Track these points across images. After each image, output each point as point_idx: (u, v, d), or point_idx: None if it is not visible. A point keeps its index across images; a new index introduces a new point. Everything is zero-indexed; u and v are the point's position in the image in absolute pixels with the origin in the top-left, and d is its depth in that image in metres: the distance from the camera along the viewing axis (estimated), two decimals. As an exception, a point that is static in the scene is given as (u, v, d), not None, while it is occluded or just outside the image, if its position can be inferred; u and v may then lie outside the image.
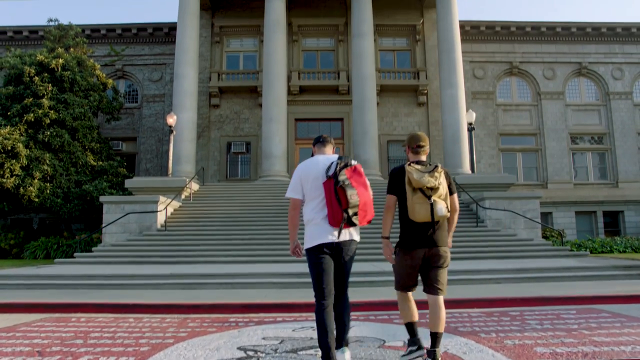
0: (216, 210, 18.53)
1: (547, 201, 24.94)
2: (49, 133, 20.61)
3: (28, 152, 19.79)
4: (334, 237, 4.07)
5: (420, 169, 4.21)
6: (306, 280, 9.09)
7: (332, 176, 4.05)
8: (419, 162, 4.31)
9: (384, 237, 4.36)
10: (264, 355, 4.85)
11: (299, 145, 25.98)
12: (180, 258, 13.99)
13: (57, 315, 7.61)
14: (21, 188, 19.24)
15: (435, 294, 4.19)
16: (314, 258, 4.12)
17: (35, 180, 19.54)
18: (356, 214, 4.04)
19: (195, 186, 20.83)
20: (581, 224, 26.00)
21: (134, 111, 27.77)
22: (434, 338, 4.13)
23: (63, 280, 10.68)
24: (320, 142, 4.53)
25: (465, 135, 22.43)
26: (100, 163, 22.17)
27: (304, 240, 4.24)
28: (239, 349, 5.16)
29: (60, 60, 21.92)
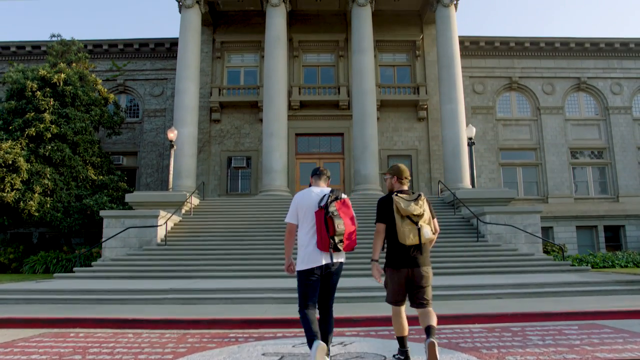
0: (216, 225, 18.50)
1: (548, 216, 24.90)
2: (50, 147, 20.67)
3: (29, 166, 19.83)
4: (323, 261, 4.66)
5: (406, 197, 4.79)
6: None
7: (324, 207, 4.66)
8: (403, 192, 4.90)
9: (373, 260, 4.85)
10: (263, 371, 4.82)
11: (300, 160, 26.02)
12: (180, 273, 13.93)
13: (56, 330, 7.56)
14: (21, 202, 19.25)
15: (422, 307, 4.71)
16: (304, 279, 4.71)
17: (36, 195, 19.56)
18: (342, 241, 4.62)
19: (195, 201, 20.82)
20: (582, 239, 25.92)
21: (135, 126, 27.87)
22: (428, 331, 4.57)
23: (62, 295, 10.63)
24: (317, 175, 5.15)
25: (465, 150, 22.48)
26: (101, 177, 22.20)
27: (297, 261, 4.80)
28: (239, 364, 5.12)
29: (63, 75, 22.06)
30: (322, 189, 4.97)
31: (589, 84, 28.33)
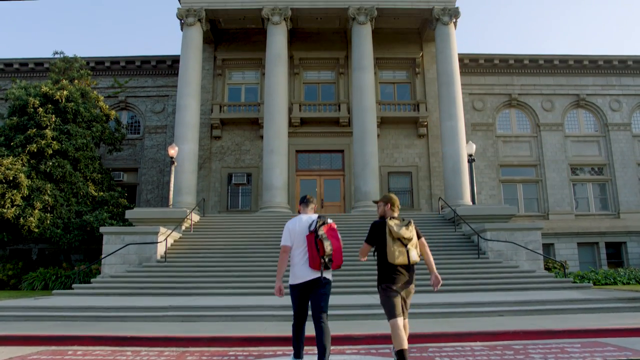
0: (216, 242, 18.44)
1: (549, 232, 24.83)
2: (51, 163, 20.72)
3: (30, 182, 19.84)
4: (312, 276, 5.31)
5: (398, 223, 5.47)
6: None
7: (314, 231, 5.32)
8: (395, 218, 5.57)
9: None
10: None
11: (300, 177, 26.03)
12: (180, 290, 13.85)
13: (54, 347, 7.50)
14: (21, 218, 19.22)
15: (404, 318, 5.40)
16: (296, 292, 5.42)
17: (36, 211, 19.54)
18: (331, 260, 5.26)
19: (195, 217, 20.79)
20: (583, 255, 25.82)
21: (135, 142, 27.96)
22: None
23: (60, 312, 10.57)
24: (304, 203, 5.84)
25: (465, 167, 22.50)
26: (101, 193, 22.20)
27: (289, 277, 5.47)
28: (238, 383, 5.06)
29: (65, 92, 22.20)
30: (310, 215, 5.66)
31: (588, 100, 28.47)
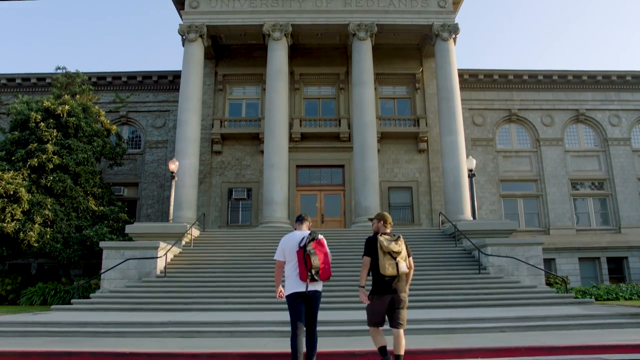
0: (216, 257, 18.39)
1: (550, 247, 24.73)
2: (51, 178, 20.74)
3: (30, 197, 19.84)
4: (303, 288, 6.06)
5: (388, 238, 6.09)
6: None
7: (303, 247, 6.02)
8: (386, 233, 6.20)
9: (360, 286, 6.20)
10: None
11: (300, 192, 26.03)
12: (180, 305, 13.78)
13: (52, 364, 7.44)
14: (21, 233, 19.18)
15: (398, 328, 5.96)
16: (292, 302, 6.14)
17: (36, 225, 19.51)
18: (318, 272, 5.96)
19: (195, 232, 20.75)
20: (585, 271, 25.70)
21: (136, 157, 28.02)
22: (397, 358, 5.93)
23: (59, 328, 10.51)
24: (299, 221, 6.55)
25: (465, 182, 22.49)
26: (102, 208, 22.19)
27: (284, 289, 6.25)
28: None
29: (66, 107, 22.30)
30: (303, 232, 6.31)
31: (588, 115, 28.57)
